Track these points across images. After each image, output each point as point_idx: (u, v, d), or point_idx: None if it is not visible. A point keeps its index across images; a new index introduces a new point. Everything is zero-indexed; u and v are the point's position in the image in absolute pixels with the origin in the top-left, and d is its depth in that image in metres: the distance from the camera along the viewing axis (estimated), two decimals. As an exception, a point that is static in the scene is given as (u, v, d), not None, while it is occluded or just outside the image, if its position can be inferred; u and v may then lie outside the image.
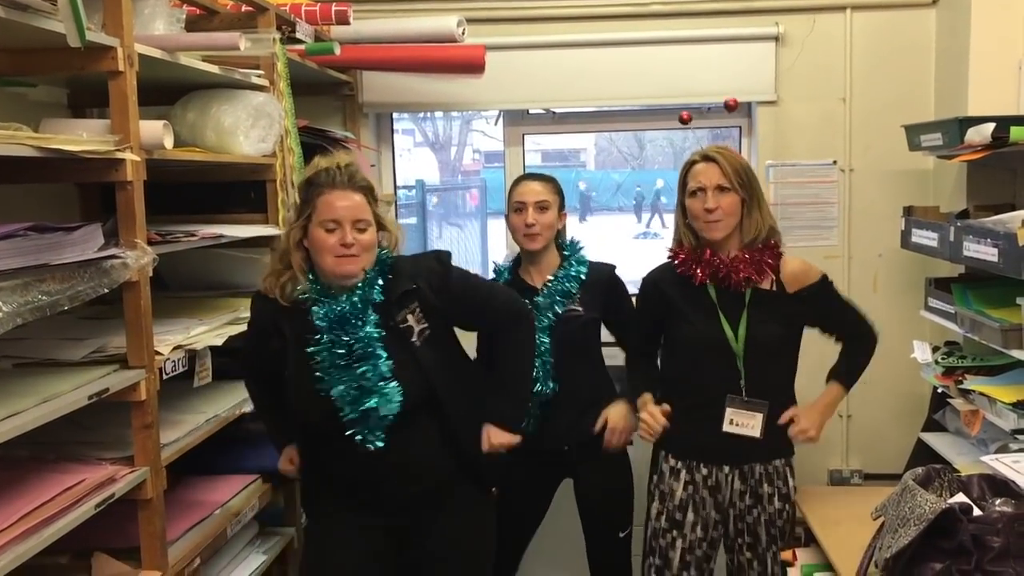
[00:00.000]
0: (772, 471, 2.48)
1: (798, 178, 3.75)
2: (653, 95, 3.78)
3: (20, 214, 1.86)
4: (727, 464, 2.47)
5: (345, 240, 2.13)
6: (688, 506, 2.49)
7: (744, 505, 2.47)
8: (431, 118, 11.45)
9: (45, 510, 1.75)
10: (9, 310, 1.58)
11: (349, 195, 2.16)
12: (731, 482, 2.47)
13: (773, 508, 2.47)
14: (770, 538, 2.48)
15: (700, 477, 2.48)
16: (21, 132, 1.72)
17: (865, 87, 3.70)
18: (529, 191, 2.79)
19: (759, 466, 2.48)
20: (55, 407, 1.77)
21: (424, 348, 2.23)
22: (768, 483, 2.48)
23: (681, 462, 2.51)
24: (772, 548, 2.48)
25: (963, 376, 2.92)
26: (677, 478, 2.50)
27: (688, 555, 2.49)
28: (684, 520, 2.49)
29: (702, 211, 2.43)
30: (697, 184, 2.44)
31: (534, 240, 2.77)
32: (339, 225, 2.14)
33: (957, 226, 2.75)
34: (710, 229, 2.44)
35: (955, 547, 1.73)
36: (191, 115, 2.50)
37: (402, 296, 2.22)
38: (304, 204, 2.19)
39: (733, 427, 2.46)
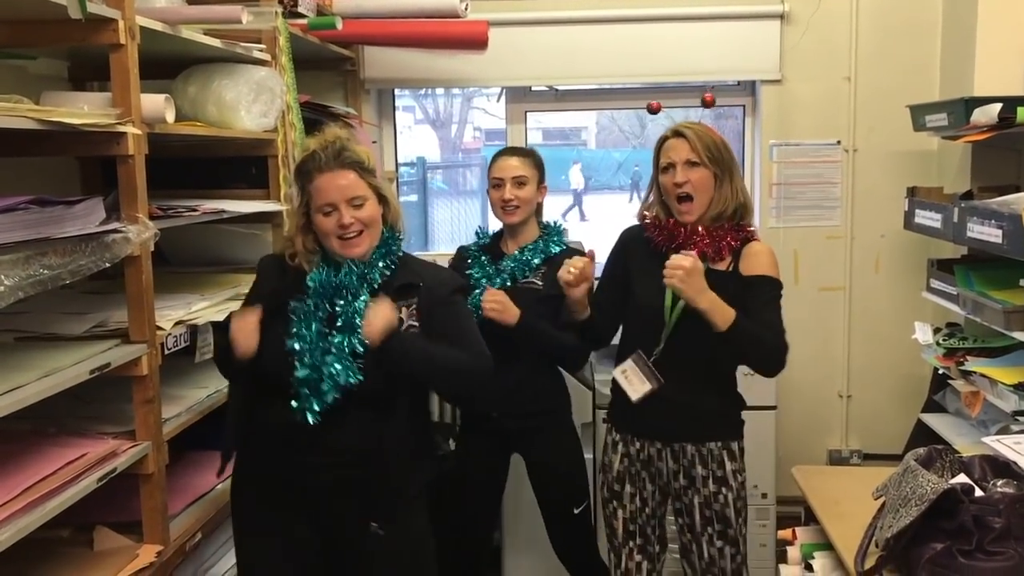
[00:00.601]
0: (706, 453, 2.43)
1: (801, 158, 3.74)
2: (656, 72, 3.77)
3: (21, 188, 1.85)
4: (659, 441, 2.45)
5: (342, 221, 2.09)
6: (625, 478, 2.51)
7: (679, 485, 2.46)
8: (432, 95, 11.37)
9: (47, 484, 1.75)
10: (11, 283, 1.57)
11: (338, 175, 2.11)
12: (665, 459, 2.46)
13: (708, 491, 2.43)
14: (704, 520, 2.44)
15: (634, 451, 2.49)
16: (22, 104, 1.71)
17: (870, 66, 3.68)
18: (507, 167, 2.81)
19: (691, 446, 2.43)
20: (57, 381, 1.77)
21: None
22: (702, 465, 2.44)
23: (619, 435, 2.53)
24: (707, 531, 2.44)
25: (964, 357, 2.93)
26: (615, 451, 2.52)
27: (631, 524, 2.51)
28: (623, 491, 2.51)
29: (672, 186, 2.38)
30: (668, 160, 2.40)
31: (512, 214, 2.80)
32: (335, 207, 2.10)
33: (961, 207, 2.74)
34: (681, 210, 2.39)
35: (956, 527, 1.73)
36: (192, 89, 2.48)
37: (404, 287, 2.18)
38: (301, 192, 2.17)
39: (622, 377, 2.43)
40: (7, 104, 1.66)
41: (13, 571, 1.88)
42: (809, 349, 3.83)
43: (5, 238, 1.60)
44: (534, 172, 2.82)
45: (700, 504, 2.44)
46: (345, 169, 2.12)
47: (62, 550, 2.05)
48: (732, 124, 4.39)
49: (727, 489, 2.45)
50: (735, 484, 2.46)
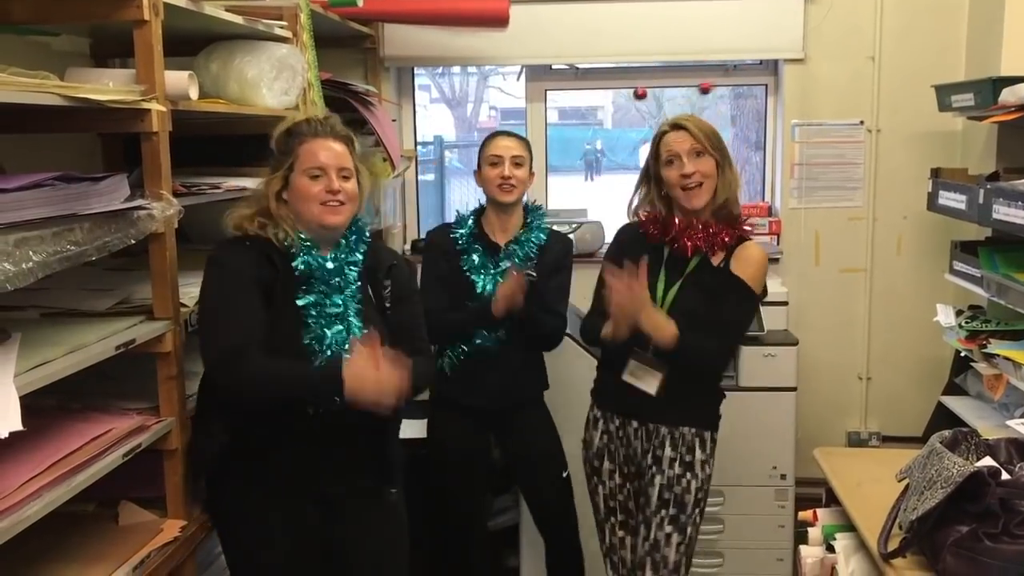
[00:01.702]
0: (678, 436, 2.45)
1: (824, 138, 3.71)
2: (678, 51, 3.74)
3: (44, 164, 1.85)
4: (635, 419, 2.48)
5: (332, 186, 2.09)
6: (604, 454, 2.55)
7: (645, 464, 2.49)
8: (448, 74, 11.32)
9: (73, 459, 1.76)
10: (39, 259, 1.58)
11: (333, 142, 2.14)
12: (640, 438, 2.48)
13: (672, 473, 2.44)
14: (661, 503, 2.45)
15: (613, 428, 2.53)
16: (48, 81, 1.70)
17: (895, 46, 3.64)
18: (505, 146, 2.85)
19: (664, 428, 2.45)
20: (83, 357, 1.77)
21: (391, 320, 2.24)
22: (672, 447, 2.45)
23: (600, 412, 2.57)
24: (660, 513, 2.44)
25: (987, 340, 2.90)
26: (596, 427, 2.57)
27: (611, 500, 2.55)
28: (602, 467, 2.56)
29: (679, 178, 2.39)
30: (670, 152, 2.41)
31: (509, 192, 2.82)
32: (324, 172, 2.10)
33: (987, 188, 2.71)
34: (690, 197, 2.39)
35: (982, 510, 1.72)
36: (214, 66, 2.47)
37: (388, 269, 2.25)
38: (283, 154, 2.14)
39: (632, 378, 2.45)
40: (35, 80, 1.65)
41: (41, 545, 1.90)
42: (829, 331, 3.81)
43: (32, 214, 1.60)
44: (528, 156, 2.87)
45: (661, 485, 2.46)
46: (339, 139, 2.15)
47: (88, 524, 2.06)
48: (753, 104, 4.36)
49: (691, 476, 2.47)
50: (701, 474, 2.49)
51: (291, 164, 2.13)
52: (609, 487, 2.56)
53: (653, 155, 2.49)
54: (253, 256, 2.11)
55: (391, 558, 2.32)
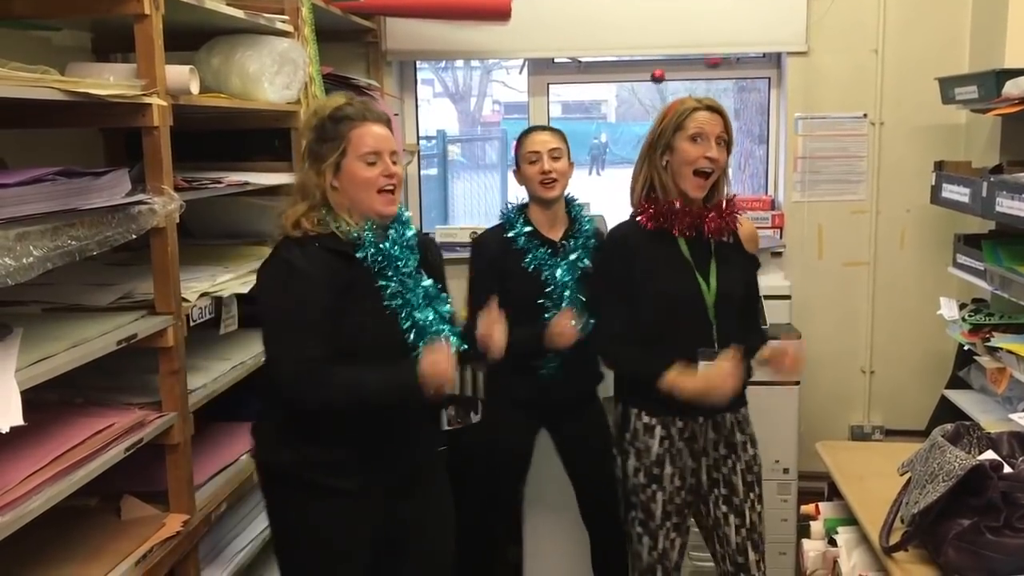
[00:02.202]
0: (741, 419, 2.50)
1: (827, 131, 3.70)
2: (681, 44, 3.73)
3: (46, 159, 1.86)
4: (701, 415, 2.46)
5: (389, 171, 2.05)
6: (665, 460, 2.48)
7: (718, 455, 2.48)
8: (451, 68, 11.30)
9: (75, 453, 1.76)
10: (40, 254, 1.58)
11: (381, 127, 2.09)
12: (705, 432, 2.48)
13: (748, 455, 2.49)
14: (747, 486, 2.48)
15: (675, 431, 2.48)
16: (48, 75, 1.70)
17: (898, 38, 3.63)
18: (541, 141, 2.81)
19: (730, 415, 2.48)
20: (85, 352, 1.77)
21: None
22: (740, 431, 2.49)
23: (655, 418, 2.48)
24: (749, 496, 2.48)
25: (990, 333, 2.90)
26: (652, 434, 2.48)
27: (669, 505, 2.50)
28: (662, 474, 2.49)
29: (702, 158, 2.37)
30: (699, 129, 2.37)
31: (552, 188, 2.78)
32: (379, 157, 2.06)
33: (991, 181, 2.70)
34: (696, 185, 2.39)
35: (984, 504, 1.72)
36: (215, 61, 2.47)
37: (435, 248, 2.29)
38: (332, 141, 2.05)
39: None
40: (34, 75, 1.65)
41: (44, 538, 1.90)
42: (832, 324, 3.80)
43: (33, 209, 1.60)
44: (565, 147, 2.83)
45: (742, 470, 2.49)
46: (384, 124, 2.12)
47: (90, 518, 2.07)
48: (756, 97, 4.35)
49: (756, 450, 2.53)
50: (758, 443, 2.55)
51: (343, 150, 2.05)
52: (669, 492, 2.49)
53: (674, 126, 2.41)
54: (323, 255, 2.03)
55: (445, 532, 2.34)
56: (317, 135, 2.08)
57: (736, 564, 2.49)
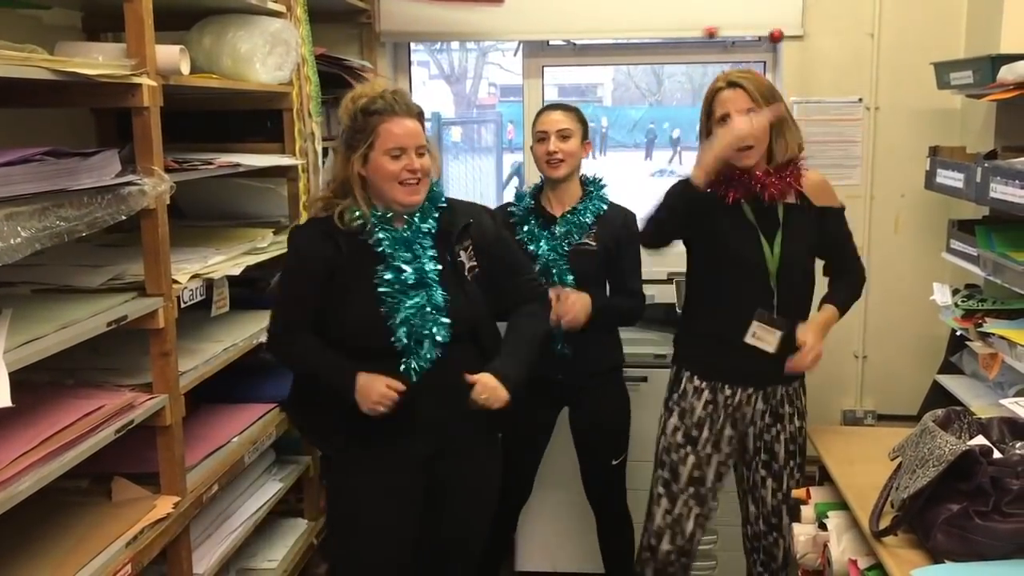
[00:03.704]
0: (792, 392, 2.55)
1: (822, 115, 3.69)
2: (676, 27, 3.71)
3: (35, 140, 1.84)
4: (752, 386, 2.50)
5: (412, 166, 2.15)
6: (705, 423, 2.53)
7: (764, 423, 2.54)
8: (446, 50, 11.25)
9: (65, 435, 1.76)
10: (27, 235, 1.57)
11: (409, 121, 2.17)
12: (754, 403, 2.51)
13: (794, 427, 2.54)
14: (788, 454, 2.54)
15: (723, 398, 2.52)
16: (36, 54, 1.69)
17: (894, 22, 3.61)
18: (550, 121, 2.81)
19: (780, 388, 2.52)
20: (74, 333, 1.77)
21: (474, 284, 2.28)
22: (789, 403, 2.54)
23: (705, 382, 2.54)
24: (790, 464, 2.55)
25: (983, 319, 2.90)
26: (699, 396, 2.54)
27: (696, 471, 2.54)
28: (700, 436, 2.54)
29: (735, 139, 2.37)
30: (724, 110, 2.39)
31: (557, 168, 2.79)
32: (404, 151, 2.15)
33: (985, 167, 2.70)
34: (741, 157, 2.39)
35: (973, 489, 1.73)
36: (207, 40, 2.45)
37: (461, 231, 2.27)
38: (362, 132, 2.17)
39: (754, 340, 2.46)
40: (22, 54, 1.64)
41: (33, 520, 1.91)
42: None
43: (21, 189, 1.59)
44: (578, 126, 2.83)
45: (786, 440, 2.54)
46: (414, 117, 2.18)
47: (80, 500, 2.07)
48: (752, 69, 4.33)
49: (803, 423, 2.57)
50: (807, 415, 2.60)
51: (371, 143, 2.15)
52: (702, 456, 2.54)
53: (706, 111, 2.47)
54: (318, 236, 2.22)
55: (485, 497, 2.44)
56: (351, 125, 2.20)
57: (770, 524, 2.59)
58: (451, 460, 2.34)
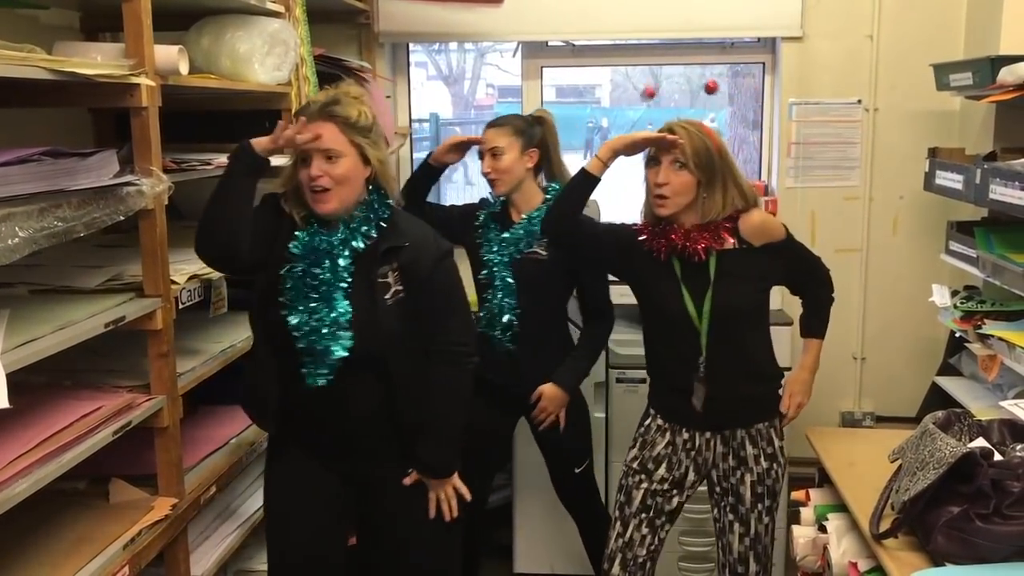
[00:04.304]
0: (755, 433, 2.43)
1: (821, 117, 3.69)
2: (675, 28, 3.71)
3: (34, 140, 1.83)
4: (708, 430, 2.44)
5: (311, 172, 2.05)
6: (664, 461, 2.47)
7: (728, 466, 2.45)
8: (444, 51, 11.25)
9: (63, 436, 1.75)
10: (25, 235, 1.56)
11: (318, 126, 2.05)
12: (713, 446, 2.44)
13: (760, 468, 2.43)
14: (756, 498, 2.44)
15: (681, 440, 2.45)
16: (35, 54, 1.68)
17: (893, 24, 3.61)
18: (484, 139, 2.74)
19: (740, 431, 2.43)
20: (72, 334, 1.76)
21: (393, 308, 2.13)
22: (752, 445, 2.43)
23: (667, 423, 2.48)
24: (757, 507, 2.44)
25: (982, 321, 2.90)
26: (662, 435, 2.48)
27: (649, 499, 2.47)
28: (655, 471, 2.47)
29: (653, 184, 2.33)
30: (653, 153, 2.34)
31: (494, 185, 2.74)
32: (308, 156, 2.06)
33: (984, 168, 2.70)
34: (656, 204, 2.33)
35: (974, 491, 1.72)
36: (205, 41, 2.44)
37: (389, 251, 2.13)
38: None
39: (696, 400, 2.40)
40: (20, 54, 1.63)
41: (31, 522, 1.90)
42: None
43: (19, 189, 1.59)
44: (513, 140, 2.71)
45: (752, 482, 2.42)
46: (327, 121, 2.07)
47: (78, 502, 2.06)
48: (750, 82, 4.33)
49: (776, 465, 2.44)
50: (782, 458, 2.47)
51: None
52: (654, 488, 2.48)
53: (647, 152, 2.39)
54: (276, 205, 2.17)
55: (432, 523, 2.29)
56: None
57: (735, 573, 2.47)
58: (373, 493, 2.26)
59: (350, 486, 2.26)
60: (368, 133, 2.12)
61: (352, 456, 2.22)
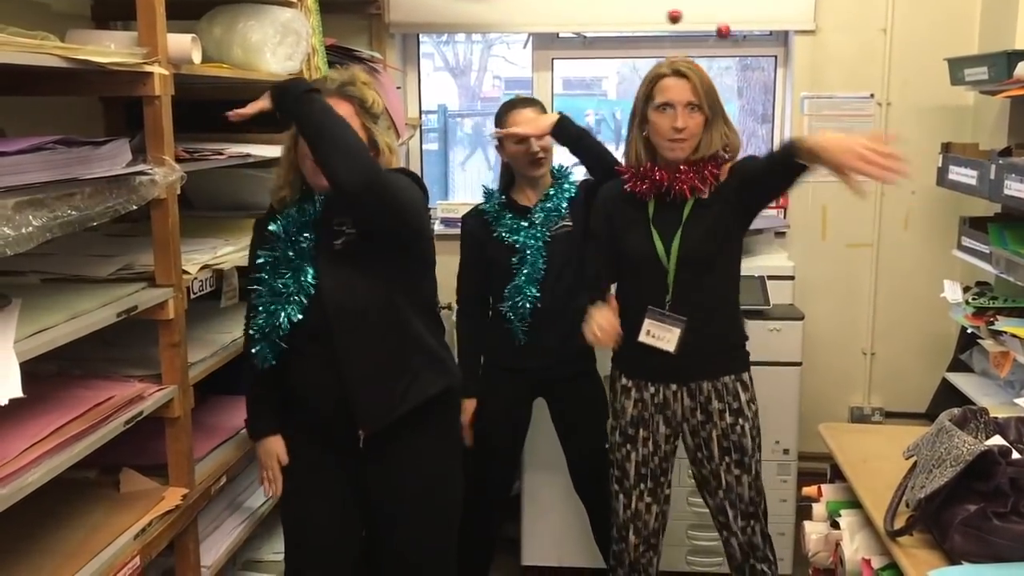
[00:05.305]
0: (721, 387, 2.47)
1: (833, 111, 3.67)
2: (687, 20, 3.68)
3: (45, 128, 1.83)
4: (674, 383, 2.47)
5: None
6: (639, 423, 2.52)
7: (696, 421, 2.49)
8: (452, 42, 11.22)
9: (74, 426, 1.74)
10: (39, 224, 1.55)
11: (335, 103, 2.05)
12: (680, 399, 2.48)
13: (725, 423, 2.47)
14: (722, 451, 2.48)
15: (648, 395, 2.49)
16: (48, 42, 1.67)
17: (907, 17, 3.59)
18: (526, 119, 2.73)
19: (707, 383, 2.46)
20: (84, 323, 1.75)
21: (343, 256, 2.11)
22: (718, 399, 2.47)
23: (631, 380, 2.53)
24: (724, 460, 2.49)
25: (994, 317, 2.88)
26: (628, 396, 2.53)
27: (643, 467, 2.53)
28: (636, 436, 2.53)
29: (669, 129, 2.33)
30: (665, 99, 2.34)
31: (541, 165, 2.76)
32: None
33: (999, 164, 2.68)
34: (673, 148, 2.35)
35: (991, 489, 1.70)
36: (217, 30, 2.43)
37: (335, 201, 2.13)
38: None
39: (649, 338, 2.42)
40: (33, 41, 1.62)
41: (42, 511, 1.89)
42: (834, 306, 3.79)
43: (32, 178, 1.57)
44: None
45: (718, 436, 2.49)
46: (343, 100, 2.09)
47: (89, 491, 2.05)
48: (760, 76, 4.31)
49: (743, 419, 2.50)
50: (749, 414, 2.52)
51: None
52: (643, 454, 2.53)
53: (644, 95, 2.40)
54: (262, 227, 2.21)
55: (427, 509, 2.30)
56: None
57: (718, 522, 2.57)
58: (372, 468, 2.26)
59: (351, 467, 2.25)
60: (378, 120, 2.15)
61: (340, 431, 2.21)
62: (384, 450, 2.22)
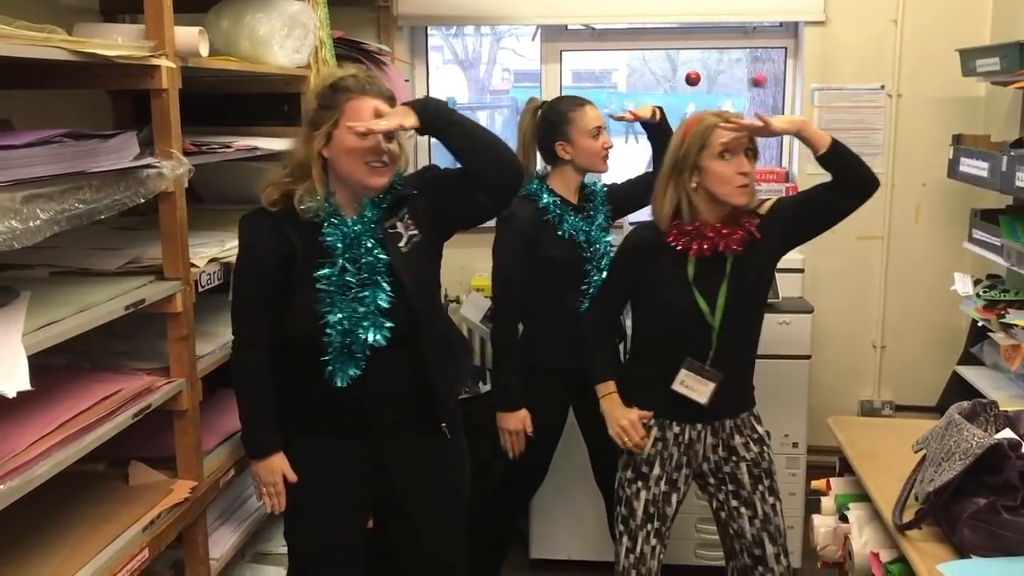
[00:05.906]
0: (740, 423, 2.44)
1: (844, 102, 3.65)
2: (696, 12, 3.68)
3: (53, 121, 1.83)
4: (700, 422, 2.43)
5: (378, 147, 2.01)
6: (655, 461, 2.46)
7: (719, 457, 2.45)
8: (460, 34, 11.21)
9: (83, 418, 1.75)
10: (47, 217, 1.55)
11: (379, 101, 2.03)
12: (704, 438, 2.44)
13: (751, 454, 2.44)
14: (754, 480, 2.44)
15: (671, 435, 2.44)
16: (55, 35, 1.67)
17: (918, 8, 3.57)
18: (597, 116, 2.76)
19: (728, 421, 2.44)
20: (92, 316, 1.75)
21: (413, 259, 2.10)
22: (739, 434, 2.44)
23: (654, 420, 2.46)
24: (758, 489, 2.44)
25: (1006, 310, 2.87)
26: (648, 434, 2.46)
27: (652, 507, 2.46)
28: (650, 473, 2.46)
29: (735, 175, 2.28)
30: (727, 147, 2.29)
31: (606, 162, 2.78)
32: (372, 131, 2.00)
33: (1011, 155, 2.66)
34: (743, 194, 2.30)
35: (1001, 483, 1.70)
36: (225, 23, 2.43)
37: (396, 201, 2.12)
38: (328, 110, 2.03)
39: (683, 388, 2.38)
40: (41, 35, 1.62)
41: (51, 503, 1.90)
42: (844, 299, 3.78)
43: (41, 171, 1.57)
44: None
45: (748, 466, 2.44)
46: (383, 98, 2.07)
47: (98, 484, 2.06)
48: (770, 67, 4.29)
49: (765, 447, 2.47)
50: (768, 440, 2.50)
51: (336, 120, 2.02)
52: (653, 493, 2.46)
53: (697, 145, 2.32)
54: (266, 232, 2.07)
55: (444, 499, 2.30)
56: (318, 103, 2.07)
57: (753, 556, 2.45)
58: (395, 470, 2.25)
59: (366, 464, 2.24)
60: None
61: (369, 434, 2.20)
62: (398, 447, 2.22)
